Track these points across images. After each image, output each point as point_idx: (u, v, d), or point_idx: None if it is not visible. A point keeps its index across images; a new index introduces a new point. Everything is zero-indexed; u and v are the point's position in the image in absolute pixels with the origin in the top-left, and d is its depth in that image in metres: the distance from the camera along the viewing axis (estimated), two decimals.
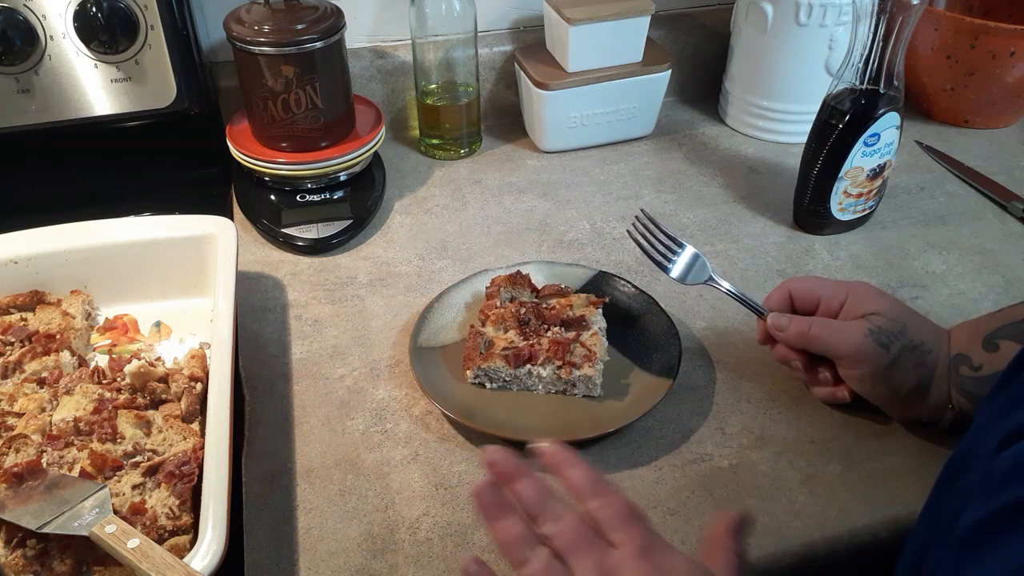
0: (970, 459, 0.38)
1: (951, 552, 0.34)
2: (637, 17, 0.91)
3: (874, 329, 0.58)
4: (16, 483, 0.54)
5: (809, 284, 0.63)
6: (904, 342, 0.57)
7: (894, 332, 0.58)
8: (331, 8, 0.82)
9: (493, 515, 0.44)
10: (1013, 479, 0.33)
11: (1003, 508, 0.32)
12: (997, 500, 0.32)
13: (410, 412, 0.65)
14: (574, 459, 0.46)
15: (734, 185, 0.93)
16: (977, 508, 0.33)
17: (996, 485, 0.33)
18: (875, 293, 0.60)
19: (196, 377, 0.64)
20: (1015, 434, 0.34)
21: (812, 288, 0.62)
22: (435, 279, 0.79)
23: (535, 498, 0.44)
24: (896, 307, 0.59)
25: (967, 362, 0.57)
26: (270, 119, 0.83)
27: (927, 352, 0.58)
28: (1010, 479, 0.33)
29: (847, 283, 0.62)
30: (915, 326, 0.59)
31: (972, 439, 0.40)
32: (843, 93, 0.76)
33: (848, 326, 0.59)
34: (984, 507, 0.32)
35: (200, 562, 0.48)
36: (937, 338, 0.59)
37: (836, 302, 0.61)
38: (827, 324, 0.60)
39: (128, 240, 0.73)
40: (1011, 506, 0.31)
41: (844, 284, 0.62)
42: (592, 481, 0.45)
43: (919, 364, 0.58)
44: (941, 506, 0.39)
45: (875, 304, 0.59)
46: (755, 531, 0.55)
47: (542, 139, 0.98)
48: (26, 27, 0.75)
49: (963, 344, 0.58)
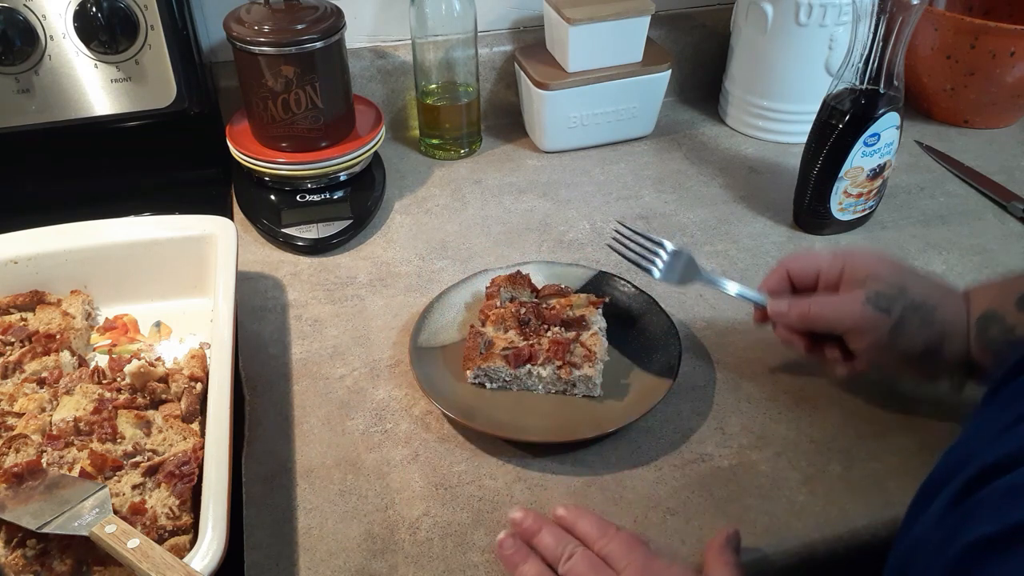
0: (959, 470, 0.37)
1: (944, 568, 0.33)
2: (637, 17, 0.91)
3: (871, 295, 0.57)
4: (16, 483, 0.54)
5: (805, 261, 0.62)
6: (905, 303, 0.56)
7: (893, 295, 0.57)
8: (331, 8, 0.82)
9: (514, 563, 0.52)
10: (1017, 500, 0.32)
11: (1009, 528, 0.31)
12: (1004, 519, 0.32)
13: (410, 412, 0.65)
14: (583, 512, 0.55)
15: (734, 185, 0.93)
16: (976, 527, 0.32)
17: (1001, 504, 0.33)
18: (873, 259, 0.59)
19: (196, 377, 0.64)
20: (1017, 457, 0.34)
21: (809, 264, 0.61)
22: (435, 279, 0.79)
23: (553, 546, 0.52)
24: (895, 269, 0.58)
25: (999, 322, 0.55)
26: (270, 119, 0.83)
27: (931, 309, 0.56)
28: (1014, 499, 0.32)
29: (844, 251, 0.61)
30: (916, 286, 0.57)
31: (962, 449, 0.39)
32: (843, 93, 0.76)
33: (846, 298, 0.58)
34: (987, 526, 0.32)
35: (200, 562, 0.48)
36: (944, 296, 0.57)
37: (835, 273, 0.60)
38: (826, 302, 0.60)
39: (128, 240, 0.73)
40: (1016, 527, 0.31)
41: (841, 253, 0.61)
42: (599, 527, 0.53)
43: (925, 323, 0.56)
44: (928, 518, 0.38)
45: (873, 268, 0.58)
46: (755, 531, 0.55)
47: (542, 139, 0.98)
48: (26, 27, 0.75)
49: (993, 303, 0.56)
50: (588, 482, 0.59)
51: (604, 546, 0.52)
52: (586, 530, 0.54)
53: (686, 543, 0.55)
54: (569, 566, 0.51)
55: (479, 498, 0.58)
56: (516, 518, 0.55)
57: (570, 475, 0.60)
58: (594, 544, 0.52)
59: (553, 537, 0.53)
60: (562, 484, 0.59)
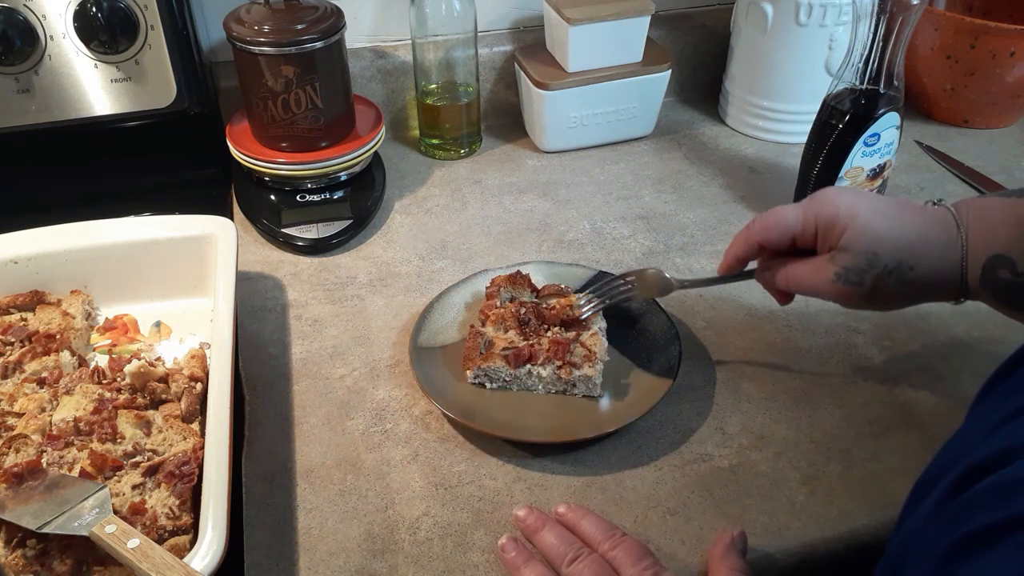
0: (950, 468, 0.37)
1: (932, 564, 0.33)
2: (637, 17, 0.91)
3: (840, 272, 0.55)
4: (16, 483, 0.54)
5: (778, 231, 0.59)
6: (877, 271, 0.54)
7: (861, 267, 0.54)
8: (331, 8, 0.82)
9: (516, 566, 0.52)
10: (1002, 498, 0.32)
11: (995, 524, 0.31)
12: (990, 516, 0.32)
13: (410, 412, 0.65)
14: (586, 512, 0.55)
15: (734, 185, 0.93)
16: (964, 524, 0.33)
17: (988, 501, 0.33)
18: (844, 214, 0.55)
19: (196, 377, 0.64)
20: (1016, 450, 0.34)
21: (783, 233, 0.59)
22: (435, 279, 0.79)
23: (556, 545, 0.53)
24: (864, 228, 0.55)
25: (1009, 266, 0.51)
26: (270, 119, 0.83)
27: (908, 269, 0.54)
28: (998, 498, 0.32)
29: (814, 209, 0.57)
30: (888, 247, 0.54)
31: (954, 447, 0.39)
32: (843, 93, 0.76)
33: (817, 273, 0.57)
34: (974, 523, 0.32)
35: (200, 562, 0.48)
36: (923, 248, 0.54)
37: (810, 234, 0.58)
38: (798, 278, 0.59)
39: (128, 240, 0.73)
40: (1001, 523, 0.31)
41: (812, 213, 0.57)
42: (603, 529, 0.53)
43: (900, 284, 0.55)
44: (918, 516, 0.38)
45: (843, 232, 0.55)
46: (755, 531, 0.55)
47: (542, 139, 0.98)
48: (26, 27, 0.75)
49: (1004, 243, 0.52)
50: (588, 482, 0.59)
51: (609, 550, 0.52)
52: (590, 531, 0.54)
53: (686, 543, 0.55)
54: (576, 570, 0.51)
55: (479, 498, 0.58)
56: (519, 515, 0.55)
57: (570, 475, 0.60)
58: (599, 547, 0.52)
59: (556, 536, 0.53)
60: (562, 484, 0.59)
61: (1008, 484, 0.32)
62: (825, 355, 0.69)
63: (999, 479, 0.33)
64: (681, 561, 0.54)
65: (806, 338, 0.71)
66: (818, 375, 0.67)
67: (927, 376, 0.67)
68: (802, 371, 0.68)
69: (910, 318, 0.73)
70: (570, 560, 0.51)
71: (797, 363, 0.69)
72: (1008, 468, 0.33)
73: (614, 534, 0.53)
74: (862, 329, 0.72)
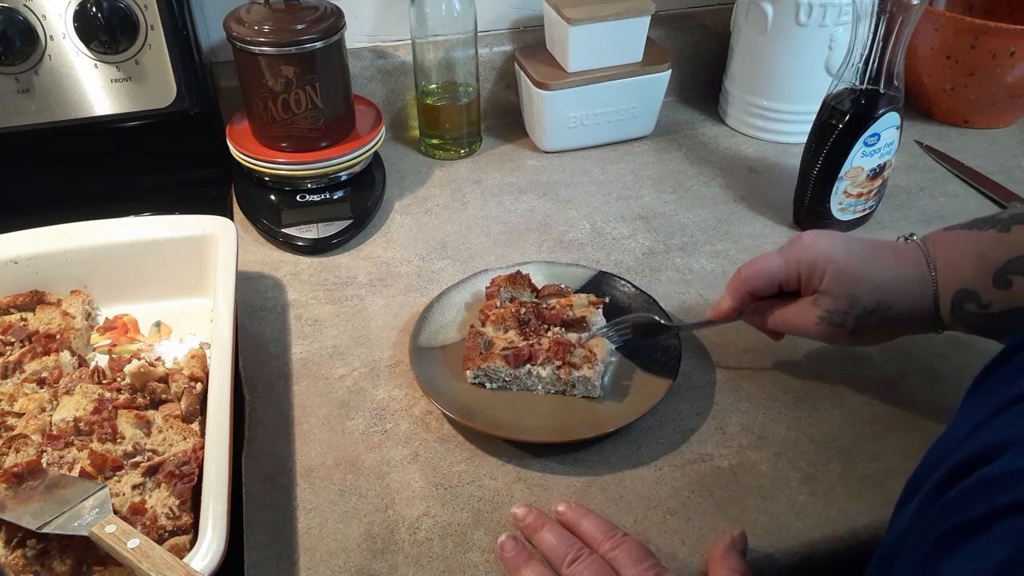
0: (937, 466, 0.37)
1: (918, 560, 0.33)
2: (637, 17, 0.91)
3: (824, 315, 0.58)
4: (16, 483, 0.54)
5: (764, 280, 0.61)
6: (858, 312, 0.57)
7: (843, 309, 0.57)
8: (331, 8, 0.82)
9: (515, 565, 0.52)
10: (981, 493, 0.32)
11: (979, 516, 0.32)
12: (974, 509, 0.32)
13: (410, 412, 0.65)
14: (585, 512, 0.55)
15: (734, 185, 0.93)
16: (949, 520, 0.33)
17: (973, 496, 0.33)
18: (823, 260, 0.58)
19: (196, 377, 0.64)
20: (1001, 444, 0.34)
21: (770, 282, 0.61)
22: (435, 279, 0.79)
23: (556, 545, 0.53)
24: (842, 272, 0.57)
25: (975, 299, 0.54)
26: (270, 119, 0.83)
27: (886, 310, 0.57)
28: (979, 492, 0.33)
29: (795, 255, 0.60)
30: (867, 287, 0.57)
31: (942, 446, 0.39)
32: (843, 93, 0.76)
33: (802, 316, 0.60)
34: (958, 517, 0.32)
35: (200, 562, 0.48)
36: (900, 286, 0.56)
37: (793, 280, 0.60)
38: (786, 320, 0.62)
39: (128, 240, 0.73)
40: (985, 515, 0.31)
41: (793, 260, 0.60)
42: (604, 529, 0.53)
43: (881, 322, 0.57)
44: (905, 515, 0.38)
45: (822, 276, 0.58)
46: (755, 531, 0.55)
47: (542, 139, 0.98)
48: (26, 27, 0.75)
49: (968, 278, 0.54)
50: (588, 482, 0.59)
51: (610, 551, 0.52)
52: (590, 531, 0.54)
53: (686, 543, 0.55)
54: (576, 571, 0.51)
55: (479, 498, 0.58)
56: (518, 514, 0.55)
57: (570, 475, 0.60)
58: (599, 547, 0.52)
59: (556, 536, 0.53)
60: (562, 484, 0.59)
61: (991, 478, 0.33)
62: (825, 355, 0.69)
63: (983, 474, 0.33)
64: (681, 561, 0.54)
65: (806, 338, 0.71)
66: (818, 375, 0.67)
67: (927, 376, 0.67)
68: (802, 371, 0.68)
69: None
70: (570, 561, 0.51)
71: (797, 363, 0.69)
72: (992, 464, 0.33)
73: (615, 534, 0.53)
74: None
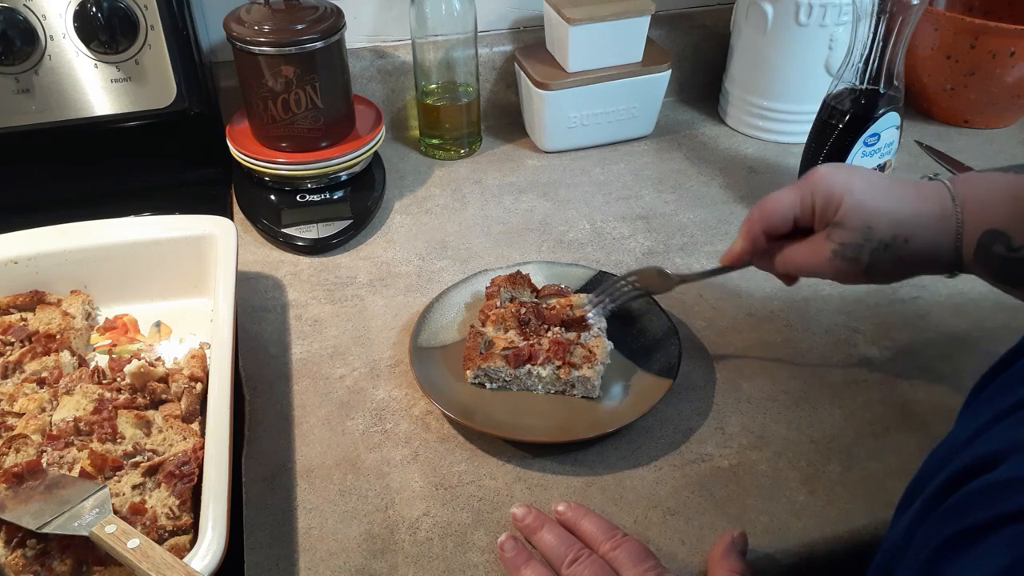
0: (939, 471, 0.37)
1: (919, 566, 0.33)
2: (637, 17, 0.91)
3: (837, 248, 0.56)
4: (16, 483, 0.54)
5: (778, 217, 0.59)
6: (873, 245, 0.55)
7: (857, 242, 0.55)
8: (331, 8, 0.82)
9: (515, 565, 0.52)
10: (986, 499, 0.32)
11: (982, 522, 0.31)
12: (977, 516, 0.32)
13: (410, 412, 0.65)
14: (585, 511, 0.55)
15: (734, 185, 0.93)
16: (950, 526, 0.33)
17: (975, 502, 0.33)
18: (839, 191, 0.56)
19: (196, 377, 0.64)
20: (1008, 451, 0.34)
21: (783, 218, 0.59)
22: (435, 279, 0.79)
23: (556, 546, 0.52)
24: (859, 204, 0.55)
25: (1005, 241, 0.51)
26: (270, 119, 0.83)
27: (903, 244, 0.54)
28: (984, 499, 0.32)
29: (811, 186, 0.57)
30: (885, 220, 0.54)
31: (943, 450, 0.39)
32: (843, 93, 0.76)
33: (814, 252, 0.57)
34: (960, 523, 0.32)
35: (200, 562, 0.47)
36: (919, 221, 0.54)
37: (807, 214, 0.58)
38: (796, 259, 0.59)
39: (128, 240, 0.73)
40: (987, 522, 0.31)
41: (808, 191, 0.57)
42: (604, 529, 0.53)
43: (896, 259, 0.55)
44: (905, 520, 0.38)
45: (838, 207, 0.56)
46: (755, 531, 0.55)
47: (542, 139, 0.98)
48: (26, 27, 0.75)
49: (999, 218, 0.52)
50: (588, 482, 0.59)
51: (610, 551, 0.51)
52: (590, 531, 0.53)
53: (686, 543, 0.55)
54: (576, 571, 0.50)
55: (479, 498, 0.58)
56: (517, 514, 0.55)
57: (570, 475, 0.60)
58: (599, 547, 0.52)
59: (555, 537, 0.53)
60: (562, 484, 0.59)
61: (995, 485, 0.32)
62: (825, 355, 0.69)
63: (986, 481, 0.32)
64: (681, 561, 0.54)
65: (806, 338, 0.71)
66: (818, 375, 0.67)
67: (927, 376, 0.67)
68: (802, 371, 0.68)
69: (910, 318, 0.73)
70: (570, 561, 0.51)
71: (797, 363, 0.69)
72: (995, 471, 0.33)
73: (615, 534, 0.53)
74: (862, 329, 0.72)
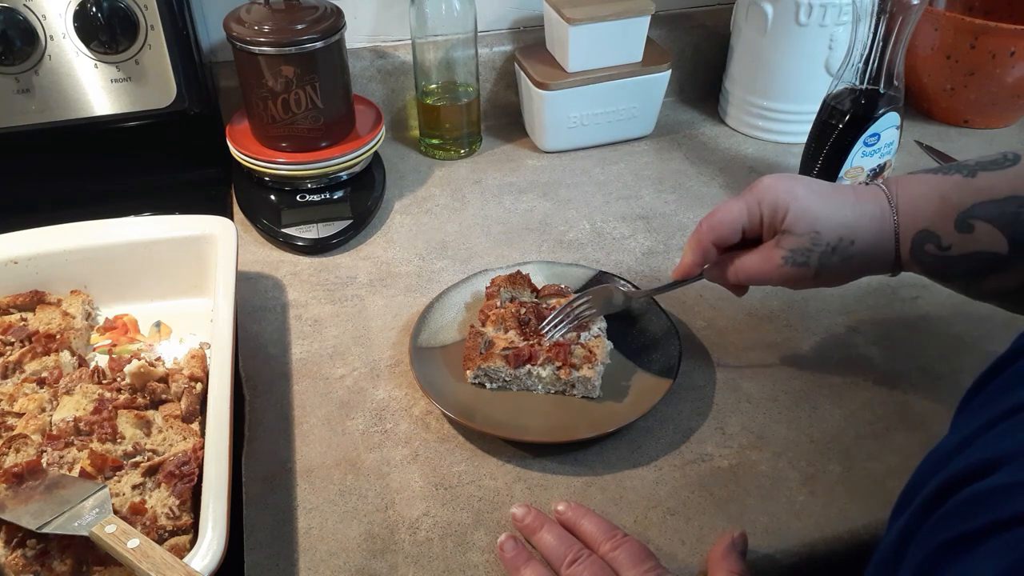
0: (931, 478, 0.37)
1: (916, 570, 0.33)
2: (637, 17, 0.91)
3: (787, 255, 0.58)
4: (16, 483, 0.54)
5: (726, 229, 0.60)
6: (821, 249, 0.57)
7: (806, 247, 0.57)
8: (331, 8, 0.82)
9: (515, 565, 0.52)
10: (988, 503, 0.32)
11: (971, 532, 0.31)
12: (966, 525, 0.31)
13: (410, 412, 0.65)
14: (585, 511, 0.55)
15: (734, 185, 0.93)
16: (940, 536, 0.32)
17: (964, 512, 0.32)
18: (784, 198, 0.58)
19: (196, 377, 0.64)
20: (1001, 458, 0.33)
21: (732, 230, 0.60)
22: (435, 279, 0.79)
23: (555, 546, 0.53)
24: (805, 210, 0.57)
25: (935, 240, 0.54)
26: (270, 119, 0.83)
27: (849, 243, 0.57)
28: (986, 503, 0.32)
29: (757, 197, 0.59)
30: (830, 224, 0.57)
31: (936, 456, 0.39)
32: (843, 93, 0.76)
33: (765, 260, 0.59)
34: (949, 533, 0.32)
35: (200, 562, 0.48)
36: (860, 222, 0.56)
37: (755, 223, 0.60)
38: (747, 269, 0.60)
39: (128, 240, 0.73)
40: (976, 531, 0.31)
41: (755, 201, 0.59)
42: (604, 530, 0.53)
43: (844, 259, 0.57)
44: (896, 529, 0.38)
45: (784, 215, 0.57)
46: (755, 531, 0.55)
47: (542, 139, 0.98)
48: (26, 27, 0.75)
49: (930, 219, 0.55)
50: (588, 482, 0.59)
51: (610, 551, 0.51)
52: (590, 531, 0.53)
53: (686, 543, 0.55)
54: (576, 572, 0.50)
55: (479, 498, 0.58)
56: (517, 514, 0.55)
57: (570, 475, 0.60)
58: (599, 547, 0.52)
59: (555, 537, 0.53)
60: (562, 484, 0.59)
61: (991, 491, 0.32)
62: (825, 355, 0.69)
63: (983, 487, 0.32)
64: (681, 561, 0.54)
65: (806, 338, 0.71)
66: (818, 375, 0.67)
67: (927, 376, 0.67)
68: (802, 371, 0.68)
69: (910, 318, 0.73)
70: (570, 561, 0.51)
71: (797, 363, 0.69)
72: (991, 476, 0.32)
73: (615, 535, 0.53)
74: (862, 329, 0.72)
